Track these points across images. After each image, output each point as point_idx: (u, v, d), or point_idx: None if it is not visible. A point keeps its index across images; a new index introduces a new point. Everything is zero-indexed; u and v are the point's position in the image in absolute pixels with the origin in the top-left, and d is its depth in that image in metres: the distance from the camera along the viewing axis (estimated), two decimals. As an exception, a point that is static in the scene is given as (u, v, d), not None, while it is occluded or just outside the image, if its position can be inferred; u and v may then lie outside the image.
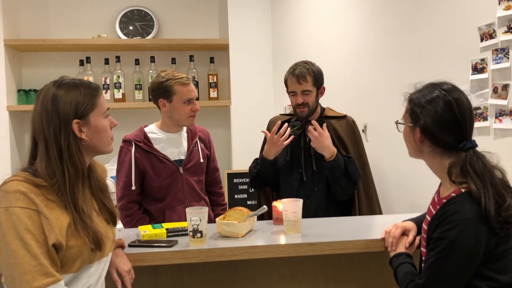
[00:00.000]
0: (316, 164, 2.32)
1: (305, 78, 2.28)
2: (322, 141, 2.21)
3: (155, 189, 2.23)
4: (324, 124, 2.24)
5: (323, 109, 2.45)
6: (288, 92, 2.37)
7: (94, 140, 1.41)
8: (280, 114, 2.60)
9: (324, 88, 2.39)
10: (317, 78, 2.32)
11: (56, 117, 1.34)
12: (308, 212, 2.13)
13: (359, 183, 2.37)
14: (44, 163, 1.34)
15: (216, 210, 2.44)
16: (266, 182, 2.45)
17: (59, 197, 1.33)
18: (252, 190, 3.46)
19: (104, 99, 1.46)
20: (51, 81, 1.41)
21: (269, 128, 2.52)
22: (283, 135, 2.25)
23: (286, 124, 2.27)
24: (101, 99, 1.44)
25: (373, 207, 2.41)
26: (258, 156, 2.52)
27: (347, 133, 2.40)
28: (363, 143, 2.48)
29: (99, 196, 1.47)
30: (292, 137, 2.29)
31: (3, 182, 1.30)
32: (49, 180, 1.32)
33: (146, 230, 1.78)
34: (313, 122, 2.25)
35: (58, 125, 1.34)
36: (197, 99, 2.32)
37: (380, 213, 2.45)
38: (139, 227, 1.86)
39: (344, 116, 2.45)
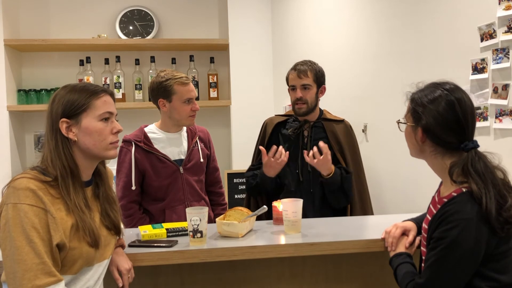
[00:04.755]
0: (312, 166, 2.32)
1: (306, 73, 2.30)
2: (323, 164, 2.18)
3: (155, 189, 2.23)
4: (326, 146, 2.18)
5: (321, 111, 2.45)
6: (289, 87, 2.38)
7: (86, 142, 1.40)
8: (276, 115, 2.57)
9: (324, 88, 2.40)
10: (318, 76, 2.34)
11: (50, 115, 1.40)
12: (303, 212, 2.12)
13: (354, 187, 2.36)
14: (50, 157, 1.38)
15: (216, 210, 2.44)
16: (265, 192, 2.42)
17: (62, 194, 1.34)
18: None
19: (104, 103, 1.43)
20: None
21: (264, 129, 2.50)
22: (277, 153, 2.21)
23: (281, 147, 2.24)
24: (99, 102, 1.42)
25: (366, 210, 2.42)
26: (251, 161, 2.52)
27: (345, 137, 2.41)
28: (359, 146, 2.49)
29: (104, 207, 1.48)
30: (287, 153, 2.22)
31: (12, 179, 1.32)
32: (54, 173, 1.35)
33: (146, 230, 1.78)
34: (314, 151, 2.18)
35: (50, 123, 1.40)
36: (197, 99, 2.32)
37: (372, 214, 2.46)
38: (139, 227, 1.86)
39: (342, 121, 2.46)
